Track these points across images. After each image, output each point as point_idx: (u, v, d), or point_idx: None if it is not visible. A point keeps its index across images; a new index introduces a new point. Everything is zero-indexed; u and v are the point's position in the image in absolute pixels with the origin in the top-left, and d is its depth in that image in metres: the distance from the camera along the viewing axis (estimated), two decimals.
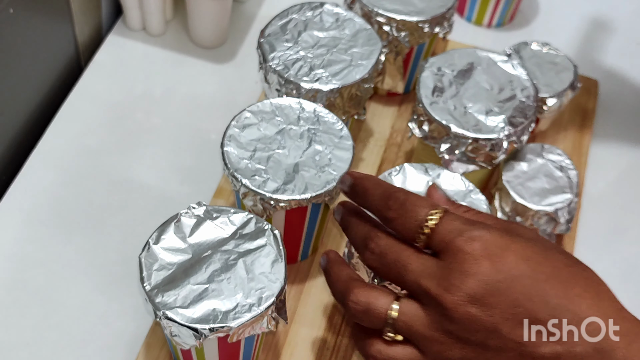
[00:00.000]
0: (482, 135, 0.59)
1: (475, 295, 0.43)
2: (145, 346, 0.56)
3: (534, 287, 0.43)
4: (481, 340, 0.43)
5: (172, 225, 0.50)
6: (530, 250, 0.44)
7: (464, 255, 0.43)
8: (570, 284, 0.43)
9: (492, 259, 0.43)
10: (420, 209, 0.45)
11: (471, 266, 0.43)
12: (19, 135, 0.68)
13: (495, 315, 0.43)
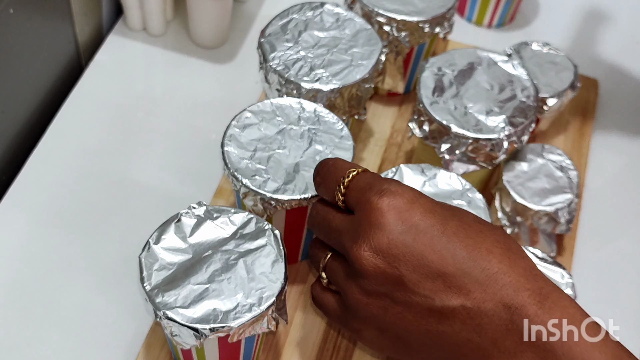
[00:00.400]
0: (482, 135, 0.59)
1: (380, 247, 0.43)
2: (145, 346, 0.56)
3: (441, 240, 0.43)
4: (389, 292, 0.43)
5: (173, 225, 0.50)
6: (439, 206, 0.45)
7: (372, 208, 0.44)
8: (479, 238, 0.43)
9: (399, 212, 0.43)
10: (340, 170, 0.48)
11: (377, 218, 0.44)
12: (19, 135, 0.68)
13: (401, 267, 0.43)
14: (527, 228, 0.62)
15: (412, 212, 0.43)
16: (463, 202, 0.54)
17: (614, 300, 0.64)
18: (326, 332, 0.58)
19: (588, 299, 0.61)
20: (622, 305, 0.64)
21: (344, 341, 0.58)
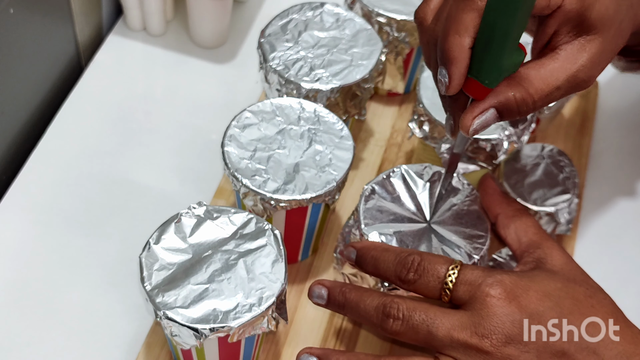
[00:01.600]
0: (482, 136, 0.59)
1: (511, 335, 0.44)
2: (146, 346, 0.57)
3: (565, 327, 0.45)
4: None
5: (173, 225, 0.50)
6: (550, 287, 0.46)
7: (491, 300, 0.45)
8: (592, 314, 0.46)
9: (518, 300, 0.45)
10: (439, 266, 0.47)
11: (500, 309, 0.45)
12: (19, 135, 0.68)
13: (531, 350, 0.44)
14: None
15: (529, 299, 0.45)
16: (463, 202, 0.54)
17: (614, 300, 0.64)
18: (326, 332, 0.58)
19: None
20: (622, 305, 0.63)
21: (344, 341, 0.58)
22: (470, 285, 0.46)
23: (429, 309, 0.47)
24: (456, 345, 0.45)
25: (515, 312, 0.45)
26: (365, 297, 0.49)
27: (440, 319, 0.46)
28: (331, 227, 0.64)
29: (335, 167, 0.55)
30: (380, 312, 0.48)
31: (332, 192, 0.54)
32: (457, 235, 0.52)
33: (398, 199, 0.54)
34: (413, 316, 0.46)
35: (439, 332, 0.46)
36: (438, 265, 0.47)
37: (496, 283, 0.46)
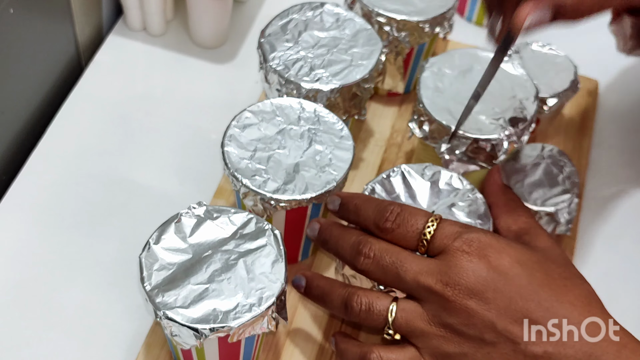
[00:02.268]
0: (482, 136, 0.59)
1: (474, 290, 0.45)
2: (145, 346, 0.56)
3: (528, 289, 0.45)
4: (478, 334, 0.45)
5: (173, 225, 0.50)
6: (525, 257, 0.46)
7: (463, 254, 0.46)
8: (562, 292, 0.45)
9: (489, 259, 0.45)
10: (418, 217, 0.48)
11: (469, 263, 0.45)
12: (19, 135, 0.68)
13: (492, 309, 0.44)
14: None
15: (501, 260, 0.46)
16: (464, 203, 0.54)
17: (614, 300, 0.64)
18: (326, 332, 0.58)
19: None
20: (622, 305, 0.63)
21: None
22: (447, 239, 0.47)
23: (401, 252, 0.48)
24: (421, 289, 0.46)
25: (482, 269, 0.45)
26: (345, 234, 0.50)
27: (409, 262, 0.47)
28: None
29: (335, 167, 0.55)
30: (354, 250, 0.49)
31: (332, 192, 0.54)
32: None
33: (398, 199, 0.54)
34: (384, 257, 0.48)
35: (406, 275, 0.47)
36: (417, 217, 0.48)
37: (472, 239, 0.46)
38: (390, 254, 0.48)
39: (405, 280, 0.47)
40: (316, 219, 0.54)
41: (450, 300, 0.45)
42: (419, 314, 0.47)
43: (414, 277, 0.47)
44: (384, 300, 0.48)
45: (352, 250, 0.49)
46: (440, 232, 0.47)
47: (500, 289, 0.45)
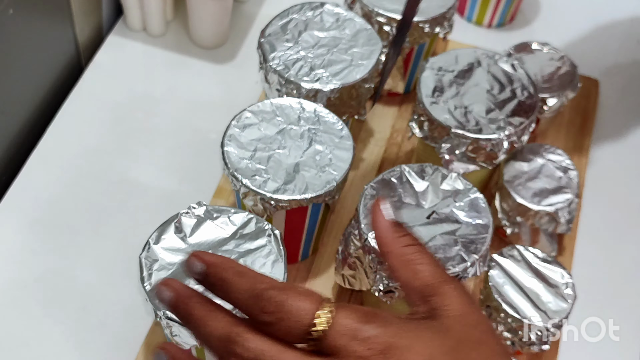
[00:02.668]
0: (482, 135, 0.59)
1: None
2: (145, 346, 0.56)
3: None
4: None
5: (172, 225, 0.50)
6: (437, 350, 0.38)
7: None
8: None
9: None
10: (304, 312, 0.37)
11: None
12: (19, 135, 0.68)
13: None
14: (527, 228, 0.62)
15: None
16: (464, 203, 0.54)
17: (614, 300, 0.64)
18: None
19: (588, 299, 0.61)
20: (622, 305, 0.64)
21: None
22: (339, 340, 0.37)
23: (284, 353, 0.37)
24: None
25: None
26: (211, 318, 0.38)
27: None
28: (331, 227, 0.64)
29: (335, 167, 0.55)
30: (222, 346, 0.38)
31: (332, 192, 0.54)
32: (457, 235, 0.52)
33: (398, 198, 0.54)
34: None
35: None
36: (303, 312, 0.37)
37: (371, 339, 0.37)
38: (269, 356, 0.37)
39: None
40: (169, 279, 0.40)
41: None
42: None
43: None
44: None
45: (219, 345, 0.37)
46: (334, 330, 0.37)
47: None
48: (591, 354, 0.60)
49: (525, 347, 0.56)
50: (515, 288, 0.56)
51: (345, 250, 0.55)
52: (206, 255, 0.40)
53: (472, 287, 0.62)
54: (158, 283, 0.40)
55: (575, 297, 0.56)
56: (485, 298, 0.57)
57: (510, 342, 0.56)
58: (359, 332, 0.37)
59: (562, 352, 0.59)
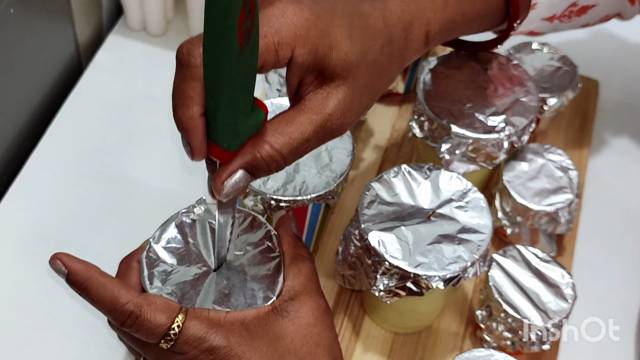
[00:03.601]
0: (482, 135, 0.59)
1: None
2: None
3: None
4: None
5: (173, 224, 0.50)
6: (265, 357, 0.44)
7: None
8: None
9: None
10: (157, 324, 0.43)
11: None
12: (19, 135, 0.68)
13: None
14: (527, 228, 0.62)
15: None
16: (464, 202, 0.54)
17: (614, 300, 0.64)
18: None
19: (588, 299, 0.61)
20: (622, 305, 0.64)
21: (344, 341, 0.58)
22: (187, 348, 0.43)
23: (144, 347, 0.45)
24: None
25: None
26: (97, 301, 0.44)
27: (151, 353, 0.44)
28: (331, 227, 0.64)
29: (336, 167, 0.55)
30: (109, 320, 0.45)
31: (332, 192, 0.54)
32: (457, 234, 0.52)
33: (398, 198, 0.54)
34: (128, 342, 0.46)
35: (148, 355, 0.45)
36: (156, 326, 0.43)
37: (212, 349, 0.43)
38: (132, 343, 0.45)
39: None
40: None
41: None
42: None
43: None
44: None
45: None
46: (183, 338, 0.43)
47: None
48: (591, 354, 0.60)
49: (525, 347, 0.56)
50: (516, 288, 0.56)
51: (345, 250, 0.55)
52: (70, 261, 0.45)
53: (472, 287, 0.63)
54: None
55: (575, 297, 0.56)
56: (485, 298, 0.57)
57: (510, 342, 0.56)
58: (203, 342, 0.43)
59: (562, 352, 0.59)
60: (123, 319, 0.43)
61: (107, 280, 0.44)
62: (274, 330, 0.45)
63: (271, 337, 0.45)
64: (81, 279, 0.44)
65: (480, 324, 0.57)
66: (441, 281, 0.50)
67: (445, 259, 0.51)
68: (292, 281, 0.47)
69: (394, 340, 0.59)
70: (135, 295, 0.44)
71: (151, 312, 0.43)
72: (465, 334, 0.60)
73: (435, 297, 0.55)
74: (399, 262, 0.50)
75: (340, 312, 0.60)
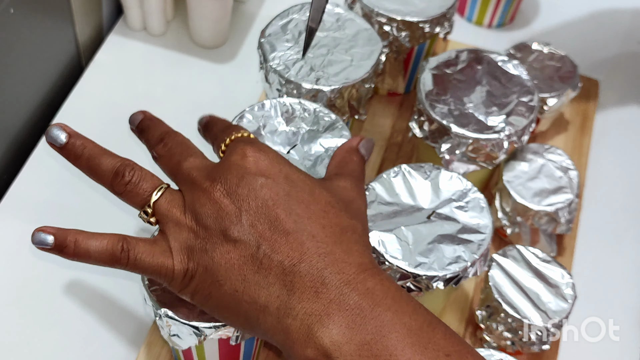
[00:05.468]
0: (482, 135, 0.59)
1: (231, 187, 0.45)
2: (146, 345, 0.57)
3: (285, 201, 0.44)
4: (222, 229, 0.44)
5: None
6: (296, 176, 0.46)
7: (237, 164, 0.46)
8: (319, 215, 0.45)
9: (260, 171, 0.45)
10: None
11: (238, 168, 0.45)
12: (20, 134, 0.68)
13: (243, 205, 0.44)
14: (527, 228, 0.62)
15: (270, 173, 0.46)
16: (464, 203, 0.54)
17: (614, 300, 0.64)
18: None
19: (588, 299, 0.61)
20: (622, 305, 0.64)
21: None
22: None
23: (193, 149, 0.49)
24: (188, 180, 0.46)
25: (249, 173, 0.45)
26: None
27: (193, 158, 0.48)
28: None
29: None
30: (159, 136, 0.50)
31: None
32: (457, 234, 0.52)
33: (398, 198, 0.54)
34: (178, 147, 0.49)
35: (185, 164, 0.47)
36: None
37: (248, 154, 0.46)
38: (184, 147, 0.49)
39: (182, 168, 0.47)
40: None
41: (206, 191, 0.45)
42: (178, 202, 0.46)
43: (189, 168, 0.47)
44: (155, 181, 0.47)
45: (157, 138, 0.51)
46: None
47: (256, 190, 0.44)
48: (591, 354, 0.60)
49: (525, 347, 0.56)
50: (516, 288, 0.56)
51: None
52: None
53: (472, 287, 0.62)
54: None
55: (575, 297, 0.56)
56: (485, 298, 0.57)
57: (510, 342, 0.56)
58: (246, 150, 0.46)
59: (562, 352, 0.59)
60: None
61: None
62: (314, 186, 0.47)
63: (304, 173, 0.48)
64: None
65: (480, 324, 0.57)
66: (441, 281, 0.50)
67: (446, 259, 0.51)
68: (336, 168, 0.51)
69: None
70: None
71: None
72: (465, 334, 0.60)
73: (436, 297, 0.55)
74: (399, 262, 0.50)
75: None
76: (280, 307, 0.42)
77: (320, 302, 0.41)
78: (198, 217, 0.45)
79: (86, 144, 0.48)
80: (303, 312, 0.41)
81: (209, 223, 0.44)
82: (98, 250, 0.47)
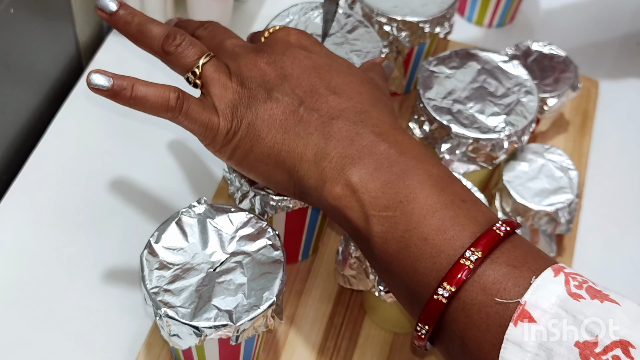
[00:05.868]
0: (482, 135, 0.59)
1: (276, 56, 0.49)
2: (146, 346, 0.56)
3: (326, 70, 0.49)
4: (269, 89, 0.48)
5: (173, 223, 0.50)
6: (336, 56, 0.52)
7: (282, 39, 0.51)
8: (357, 84, 0.49)
9: (304, 46, 0.51)
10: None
11: (283, 42, 0.50)
12: (19, 135, 0.68)
13: (286, 68, 0.49)
14: (527, 228, 0.62)
15: (314, 49, 0.51)
16: None
17: None
18: (326, 332, 0.58)
19: None
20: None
21: (344, 341, 0.58)
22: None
23: (234, 34, 0.53)
24: (234, 52, 0.50)
25: (293, 47, 0.50)
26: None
27: (236, 38, 0.52)
28: (331, 227, 0.64)
29: None
30: (198, 24, 0.54)
31: None
32: None
33: None
34: (220, 29, 0.53)
35: (229, 41, 0.51)
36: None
37: (291, 33, 0.51)
38: (226, 31, 0.53)
39: (227, 44, 0.51)
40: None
41: (253, 59, 0.49)
42: (224, 69, 0.50)
43: (233, 43, 0.51)
44: (203, 48, 0.50)
45: (196, 26, 0.54)
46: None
47: (300, 60, 0.49)
48: None
49: None
50: None
51: (345, 250, 0.55)
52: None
53: None
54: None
55: None
56: None
57: None
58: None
59: None
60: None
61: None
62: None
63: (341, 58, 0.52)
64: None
65: None
66: None
67: None
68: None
69: (394, 340, 0.59)
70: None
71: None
72: None
73: None
74: None
75: (340, 312, 0.60)
76: (318, 153, 0.46)
77: (354, 147, 0.46)
78: (244, 81, 0.49)
79: (135, 12, 0.51)
80: (338, 156, 0.46)
81: (254, 86, 0.48)
82: (155, 96, 0.49)
